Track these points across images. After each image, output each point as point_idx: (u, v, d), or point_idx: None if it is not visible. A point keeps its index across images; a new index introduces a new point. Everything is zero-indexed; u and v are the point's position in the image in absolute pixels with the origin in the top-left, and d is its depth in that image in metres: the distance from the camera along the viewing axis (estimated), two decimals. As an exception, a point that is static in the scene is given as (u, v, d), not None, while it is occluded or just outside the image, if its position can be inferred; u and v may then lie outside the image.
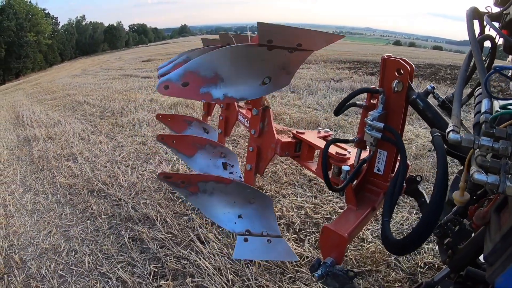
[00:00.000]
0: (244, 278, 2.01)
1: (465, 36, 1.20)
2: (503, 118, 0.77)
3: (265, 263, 2.11)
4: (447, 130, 0.84)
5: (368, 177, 1.55)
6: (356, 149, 1.56)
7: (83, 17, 66.12)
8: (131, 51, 47.30)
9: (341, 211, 2.82)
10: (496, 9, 1.34)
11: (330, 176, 1.67)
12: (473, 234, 1.17)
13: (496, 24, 1.30)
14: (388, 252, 2.30)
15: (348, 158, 1.62)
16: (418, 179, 1.78)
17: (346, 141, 1.53)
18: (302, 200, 2.96)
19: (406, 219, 2.67)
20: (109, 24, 72.22)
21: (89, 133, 5.22)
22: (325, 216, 2.72)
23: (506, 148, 0.71)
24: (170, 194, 3.01)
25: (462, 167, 1.22)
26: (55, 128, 5.84)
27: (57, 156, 4.34)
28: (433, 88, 1.39)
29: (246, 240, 1.84)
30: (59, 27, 57.01)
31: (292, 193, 3.09)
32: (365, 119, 1.37)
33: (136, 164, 3.71)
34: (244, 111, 2.50)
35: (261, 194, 1.94)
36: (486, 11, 1.28)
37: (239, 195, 1.86)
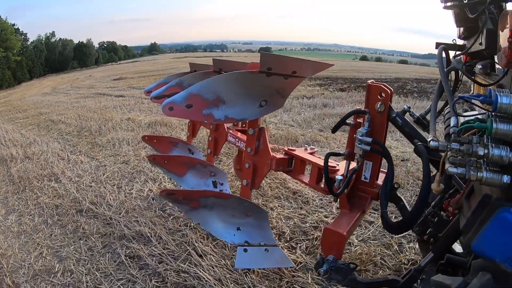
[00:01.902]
0: (244, 286, 2.10)
1: (429, 50, 1.39)
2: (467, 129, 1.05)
3: (263, 270, 2.22)
4: (429, 139, 1.10)
5: (357, 185, 1.74)
6: (345, 161, 1.75)
7: (53, 34, 63.79)
8: (101, 69, 46.37)
9: (326, 219, 2.98)
10: (460, 42, 1.60)
11: (322, 186, 1.84)
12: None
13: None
14: (374, 253, 2.50)
15: (338, 170, 1.81)
16: (396, 186, 1.98)
17: (339, 154, 1.70)
18: (289, 212, 3.09)
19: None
20: (79, 41, 70.44)
21: (69, 153, 5.12)
22: (313, 225, 2.87)
23: (468, 149, 0.99)
24: (161, 212, 3.04)
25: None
26: (32, 148, 5.65)
27: (38, 176, 4.23)
28: (409, 107, 1.66)
29: (245, 250, 1.94)
30: (28, 43, 54.85)
31: (279, 206, 3.22)
32: (354, 135, 1.55)
33: (122, 183, 3.70)
34: (233, 132, 2.63)
35: (257, 207, 2.05)
36: (453, 43, 1.53)
37: (237, 209, 1.97)
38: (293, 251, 2.47)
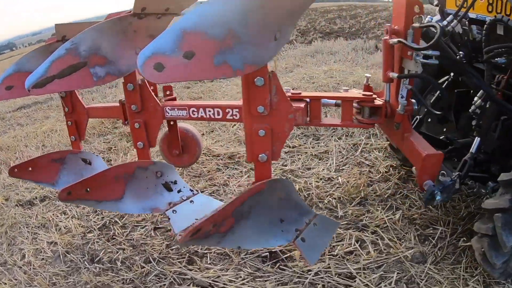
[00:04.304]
0: (236, 269, 1.59)
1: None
2: None
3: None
4: None
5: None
6: (385, 84, 1.43)
7: None
8: None
9: (285, 167, 2.58)
10: None
11: (362, 117, 1.45)
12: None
13: None
14: (361, 172, 2.42)
15: (375, 98, 1.43)
16: None
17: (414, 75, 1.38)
18: (245, 180, 2.51)
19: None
20: None
21: None
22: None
23: None
24: (96, 265, 1.87)
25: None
26: None
27: None
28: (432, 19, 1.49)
29: (303, 240, 1.33)
30: None
31: (228, 177, 2.58)
32: (410, 52, 1.29)
33: (4, 256, 2.07)
34: (170, 103, 1.72)
35: (281, 180, 1.42)
36: None
37: (272, 196, 1.30)
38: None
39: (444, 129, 1.97)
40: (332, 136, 2.95)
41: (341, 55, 6.37)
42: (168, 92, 1.91)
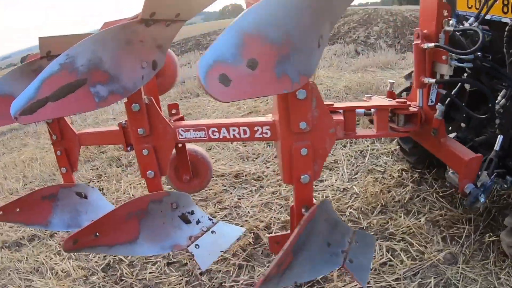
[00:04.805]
0: None
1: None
2: None
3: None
4: None
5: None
6: (418, 90, 1.43)
7: None
8: None
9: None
10: None
11: (395, 126, 1.44)
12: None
13: None
14: (375, 179, 2.35)
15: (409, 105, 1.42)
16: None
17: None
18: (258, 199, 2.35)
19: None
20: None
21: None
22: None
23: None
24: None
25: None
26: None
27: None
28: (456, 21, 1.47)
29: (351, 261, 1.20)
30: None
31: (239, 198, 2.41)
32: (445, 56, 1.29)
33: None
34: (183, 124, 1.54)
35: (325, 201, 1.28)
36: None
37: (320, 220, 1.16)
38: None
39: (450, 128, 1.95)
40: (336, 144, 2.86)
41: (324, 61, 6.40)
42: (174, 111, 1.74)
